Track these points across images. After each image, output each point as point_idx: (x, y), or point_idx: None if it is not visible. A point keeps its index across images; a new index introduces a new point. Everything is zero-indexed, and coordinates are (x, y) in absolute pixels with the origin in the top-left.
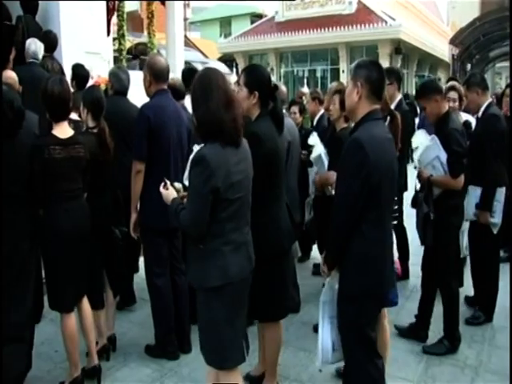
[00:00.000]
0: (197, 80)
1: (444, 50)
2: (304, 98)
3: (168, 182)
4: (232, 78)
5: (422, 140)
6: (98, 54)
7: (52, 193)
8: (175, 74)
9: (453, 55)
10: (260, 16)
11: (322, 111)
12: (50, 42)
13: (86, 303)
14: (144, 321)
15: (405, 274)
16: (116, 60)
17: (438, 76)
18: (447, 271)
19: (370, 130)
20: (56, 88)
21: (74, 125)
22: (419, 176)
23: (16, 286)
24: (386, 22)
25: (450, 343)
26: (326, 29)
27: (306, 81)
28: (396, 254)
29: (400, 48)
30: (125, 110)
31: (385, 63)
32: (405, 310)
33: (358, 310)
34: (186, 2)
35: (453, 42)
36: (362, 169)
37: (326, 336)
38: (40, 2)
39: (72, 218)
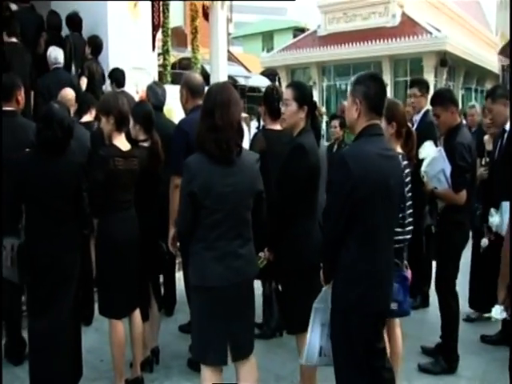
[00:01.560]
0: (205, 96)
1: (492, 61)
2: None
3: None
4: None
5: (429, 151)
6: (144, 69)
7: (110, 202)
8: None
9: (502, 66)
10: (302, 30)
11: None
12: (96, 45)
13: (137, 315)
14: (186, 334)
15: (424, 302)
16: (161, 75)
17: (486, 87)
18: (447, 289)
19: (360, 146)
20: (126, 101)
21: (85, 126)
22: (424, 188)
23: (52, 298)
24: (431, 34)
25: (446, 363)
26: (369, 42)
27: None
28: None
29: (446, 60)
30: (161, 124)
31: (430, 76)
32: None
33: (346, 323)
34: (229, 16)
35: (502, 52)
36: (345, 184)
37: (314, 340)
38: (89, 19)
39: (126, 227)
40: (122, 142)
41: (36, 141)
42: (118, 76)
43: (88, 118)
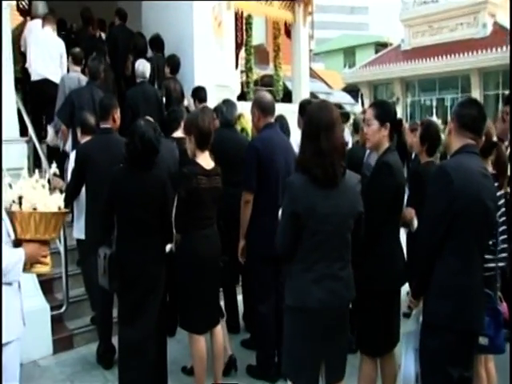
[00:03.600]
0: (306, 118)
1: None
2: None
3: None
4: (356, 109)
5: None
6: (227, 86)
7: (193, 219)
8: None
9: None
10: (385, 45)
11: None
12: (174, 64)
13: (219, 330)
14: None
15: None
16: (243, 92)
17: None
18: None
19: (460, 159)
20: (206, 120)
21: (177, 142)
22: None
23: (139, 307)
24: None
25: None
26: (457, 54)
27: (434, 110)
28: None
29: None
30: (231, 140)
31: None
32: None
33: (439, 343)
34: (310, 33)
35: None
36: (446, 195)
37: (409, 366)
38: (176, 38)
39: (209, 244)
40: (205, 160)
41: (125, 155)
42: (200, 94)
43: (179, 133)
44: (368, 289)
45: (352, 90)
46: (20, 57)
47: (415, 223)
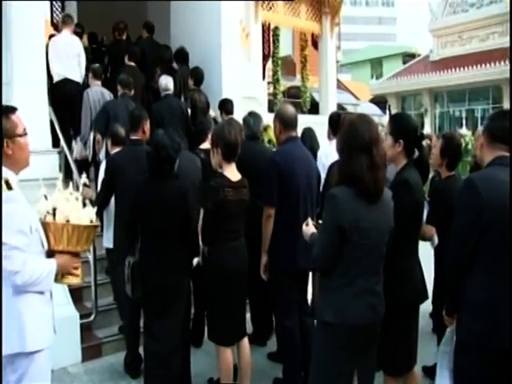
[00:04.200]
0: (345, 132)
1: None
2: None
3: (309, 220)
4: (384, 120)
5: None
6: (255, 98)
7: (221, 232)
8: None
9: None
10: (412, 55)
11: None
12: (198, 76)
13: (246, 343)
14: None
15: None
16: (271, 104)
17: None
18: None
19: (489, 172)
20: (233, 132)
21: (204, 153)
22: None
23: (162, 318)
24: None
25: None
26: (487, 64)
27: (464, 122)
28: None
29: None
30: (256, 153)
31: None
32: None
33: (473, 363)
34: (337, 44)
35: None
36: (474, 207)
37: None
38: (204, 50)
39: (237, 256)
40: (232, 172)
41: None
42: (227, 106)
43: (207, 145)
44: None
45: (379, 102)
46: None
47: (435, 240)
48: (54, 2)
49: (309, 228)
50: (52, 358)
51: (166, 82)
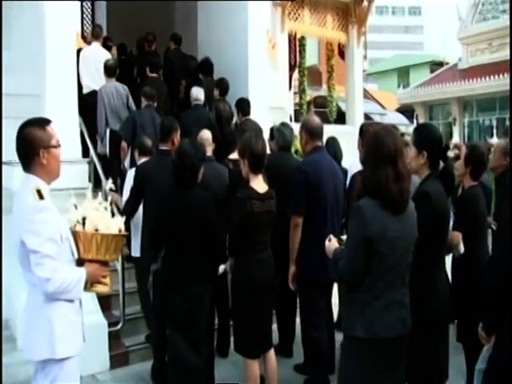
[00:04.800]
0: (369, 143)
1: None
2: (492, 150)
3: (331, 236)
4: (411, 129)
5: None
6: (282, 108)
7: (248, 243)
8: (354, 127)
9: None
10: (440, 64)
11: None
12: (223, 87)
13: (272, 354)
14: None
15: None
16: (296, 114)
17: None
18: None
19: None
20: (260, 143)
21: (233, 163)
22: None
23: (183, 326)
24: None
25: None
26: None
27: (495, 131)
28: None
29: None
30: (287, 164)
31: None
32: None
33: (506, 375)
34: (364, 53)
35: None
36: None
37: None
38: (231, 61)
39: (264, 268)
40: (258, 184)
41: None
42: (243, 106)
43: (235, 155)
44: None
45: (406, 111)
46: None
47: (461, 248)
48: (84, 15)
49: (331, 244)
50: (81, 364)
51: (197, 92)
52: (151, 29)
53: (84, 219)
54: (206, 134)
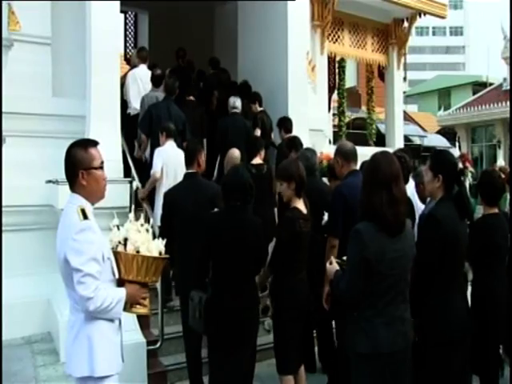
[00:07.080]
0: (367, 168)
1: None
2: None
3: (332, 258)
4: (454, 152)
5: None
6: (321, 130)
7: (292, 262)
8: (394, 149)
9: None
10: (483, 85)
11: None
12: (259, 98)
13: (303, 370)
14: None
15: None
16: (335, 135)
17: None
18: None
19: None
20: (302, 167)
21: (255, 168)
22: None
23: (232, 352)
24: None
25: None
26: None
27: None
28: None
29: None
30: (314, 187)
31: None
32: None
33: None
34: (404, 75)
35: None
36: None
37: None
38: (271, 82)
39: (304, 287)
40: (302, 204)
41: (221, 199)
42: (286, 124)
43: (258, 160)
44: (421, 341)
45: (447, 133)
46: None
47: (469, 275)
48: (127, 38)
49: (332, 266)
50: (120, 380)
51: (234, 100)
52: (190, 54)
53: (126, 240)
54: (236, 153)
